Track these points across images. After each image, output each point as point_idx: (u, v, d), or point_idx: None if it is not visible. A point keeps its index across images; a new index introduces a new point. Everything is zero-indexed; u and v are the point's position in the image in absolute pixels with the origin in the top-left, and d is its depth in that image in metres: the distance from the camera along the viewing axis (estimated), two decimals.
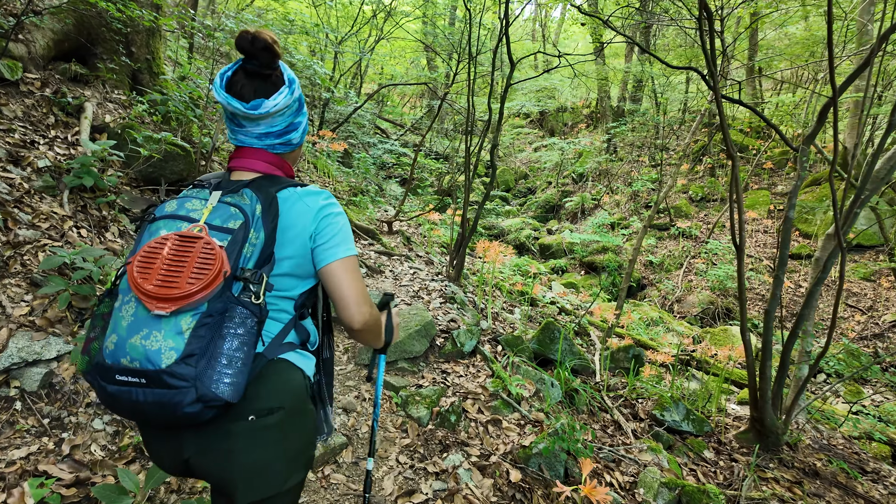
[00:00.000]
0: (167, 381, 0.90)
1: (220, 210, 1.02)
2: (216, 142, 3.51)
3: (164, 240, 0.96)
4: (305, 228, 1.09)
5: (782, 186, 11.58)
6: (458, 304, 3.91)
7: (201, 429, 1.01)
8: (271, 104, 1.09)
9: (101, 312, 1.00)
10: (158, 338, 0.91)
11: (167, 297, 0.91)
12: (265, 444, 1.03)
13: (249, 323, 0.97)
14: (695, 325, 8.28)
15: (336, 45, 9.84)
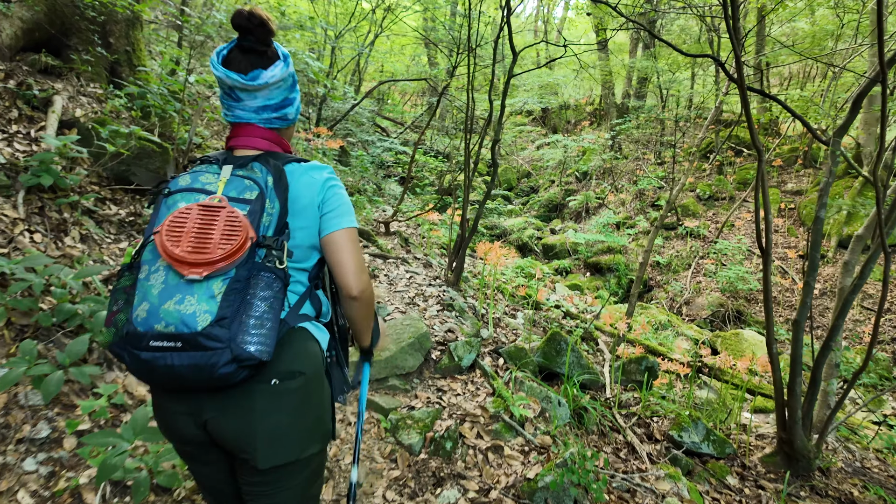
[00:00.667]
0: (203, 343, 0.94)
1: (234, 182, 1.05)
2: (192, 137, 3.24)
3: (189, 209, 0.99)
4: (313, 199, 1.13)
5: (792, 184, 11.27)
6: (456, 312, 3.64)
7: (225, 389, 1.03)
8: (268, 75, 1.11)
9: (123, 286, 1.01)
10: (192, 302, 0.95)
11: (200, 262, 0.95)
12: (285, 407, 1.07)
13: (276, 287, 1.01)
14: (705, 328, 7.99)
15: (333, 40, 9.56)
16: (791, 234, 9.79)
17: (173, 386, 1.03)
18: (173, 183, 1.07)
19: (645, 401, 3.09)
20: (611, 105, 15.23)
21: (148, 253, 1.01)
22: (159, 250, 0.97)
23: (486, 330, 3.71)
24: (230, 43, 1.14)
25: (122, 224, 2.81)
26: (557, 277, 9.94)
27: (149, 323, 0.95)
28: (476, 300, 5.16)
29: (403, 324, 2.85)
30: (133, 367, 0.99)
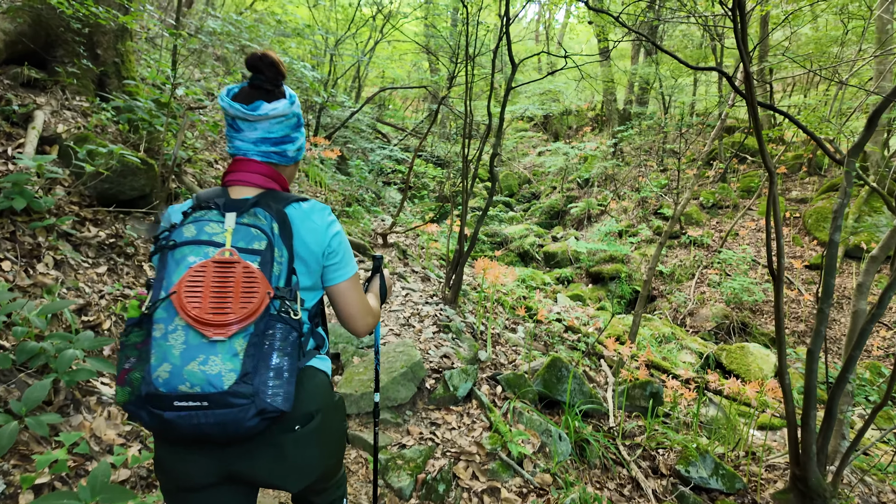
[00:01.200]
0: (231, 402, 0.95)
1: (241, 232, 1.04)
2: (177, 153, 3.12)
3: (204, 267, 0.98)
4: (318, 246, 1.14)
5: (797, 192, 11.11)
6: (453, 334, 3.50)
7: (250, 443, 1.06)
8: (269, 107, 1.13)
9: (133, 342, 0.99)
10: (217, 361, 0.95)
11: (224, 324, 0.95)
12: (311, 445, 1.12)
13: (292, 337, 1.02)
14: (709, 340, 7.83)
15: (332, 47, 9.46)
16: (796, 243, 9.64)
17: (197, 442, 1.03)
18: (177, 234, 1.03)
19: (650, 430, 2.95)
20: (613, 111, 15.11)
21: (161, 311, 0.97)
22: (179, 312, 0.95)
23: (485, 352, 3.57)
24: (242, 83, 1.18)
25: (101, 247, 2.69)
26: (559, 287, 9.80)
27: (172, 384, 0.95)
28: (475, 315, 5.02)
29: (396, 351, 2.71)
30: (153, 425, 0.98)
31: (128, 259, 2.77)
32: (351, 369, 2.62)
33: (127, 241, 2.82)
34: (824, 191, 10.32)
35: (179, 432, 0.97)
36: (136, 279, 2.68)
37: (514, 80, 3.92)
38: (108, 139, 3.50)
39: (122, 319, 2.31)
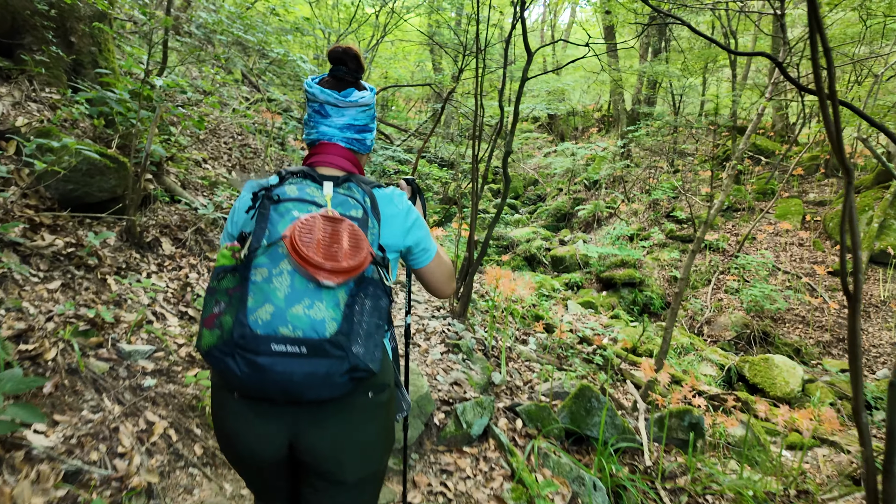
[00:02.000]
0: (328, 351, 0.93)
1: (338, 199, 1.07)
2: (148, 149, 2.74)
3: (313, 218, 0.99)
4: (400, 228, 1.18)
5: (814, 194, 10.70)
6: (463, 354, 3.11)
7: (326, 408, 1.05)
8: (359, 95, 1.21)
9: (225, 287, 0.98)
10: (322, 308, 0.94)
11: (337, 270, 0.94)
12: (376, 419, 1.11)
13: (384, 302, 1.03)
14: (729, 351, 7.41)
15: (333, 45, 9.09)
16: (818, 247, 9.21)
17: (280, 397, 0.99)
18: (279, 190, 1.06)
19: (694, 470, 2.55)
20: (621, 111, 14.70)
21: (264, 256, 0.98)
22: (292, 254, 0.95)
23: (499, 373, 3.18)
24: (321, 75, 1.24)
25: (56, 258, 2.31)
26: (569, 293, 9.39)
27: (273, 326, 0.93)
28: (485, 329, 4.62)
29: None
30: (241, 373, 0.94)
31: (88, 271, 2.39)
32: None
33: (89, 251, 2.43)
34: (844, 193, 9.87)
35: (265, 382, 0.95)
36: (97, 295, 2.30)
37: (524, 73, 3.53)
38: (77, 134, 3.12)
39: (69, 346, 1.93)
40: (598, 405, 2.59)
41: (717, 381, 6.40)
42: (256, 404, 1.04)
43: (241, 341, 0.92)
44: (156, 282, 2.72)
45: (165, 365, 2.18)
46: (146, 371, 2.09)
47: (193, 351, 2.37)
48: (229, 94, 7.59)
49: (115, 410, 1.83)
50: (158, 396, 2.02)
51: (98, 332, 2.08)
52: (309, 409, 1.04)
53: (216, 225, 3.48)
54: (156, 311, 2.46)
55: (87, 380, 1.87)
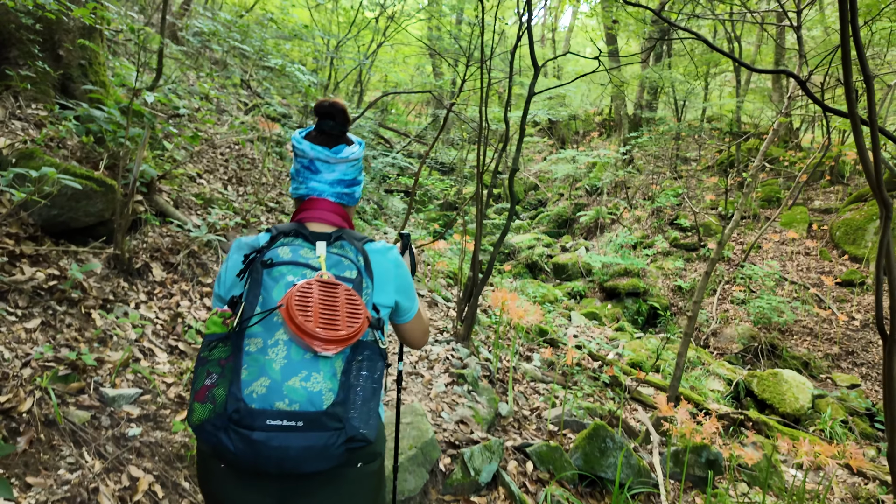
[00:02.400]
0: (326, 423, 0.91)
1: (332, 259, 1.04)
2: (136, 173, 2.59)
3: (310, 285, 0.96)
4: (391, 283, 1.15)
5: (820, 201, 10.56)
6: (469, 385, 2.96)
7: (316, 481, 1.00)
8: (349, 150, 1.20)
9: (217, 358, 0.95)
10: (319, 379, 0.93)
11: (335, 339, 0.91)
12: (366, 489, 1.06)
13: (379, 366, 1.01)
14: (737, 364, 7.26)
15: (332, 51, 8.96)
16: (824, 257, 9.07)
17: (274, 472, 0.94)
18: (272, 253, 1.03)
19: None
20: (623, 117, 14.57)
21: (258, 326, 0.95)
22: (289, 324, 0.92)
23: (506, 404, 3.03)
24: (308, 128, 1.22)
25: (36, 293, 2.16)
26: (571, 303, 9.25)
27: (269, 400, 0.91)
28: (489, 349, 4.47)
29: (402, 423, 2.17)
30: (235, 448, 0.91)
31: (72, 306, 2.24)
32: None
33: (72, 283, 2.29)
34: (852, 201, 9.75)
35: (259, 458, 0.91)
36: (80, 333, 2.15)
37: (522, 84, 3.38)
38: (64, 154, 2.97)
39: (47, 394, 1.78)
40: (613, 445, 2.45)
41: (724, 396, 6.26)
42: (247, 477, 0.99)
43: (236, 416, 0.90)
44: (145, 313, 2.58)
45: (152, 409, 2.04)
46: (131, 417, 1.95)
47: (184, 391, 2.23)
48: (227, 100, 7.45)
49: (96, 467, 1.68)
50: (144, 446, 1.87)
51: (79, 375, 1.94)
52: (298, 480, 0.99)
53: (210, 246, 3.33)
54: (143, 347, 2.31)
55: (66, 432, 1.73)
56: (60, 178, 2.00)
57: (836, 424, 5.70)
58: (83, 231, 2.77)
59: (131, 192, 2.58)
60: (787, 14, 3.16)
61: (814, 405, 6.09)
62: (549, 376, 4.89)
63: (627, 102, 15.11)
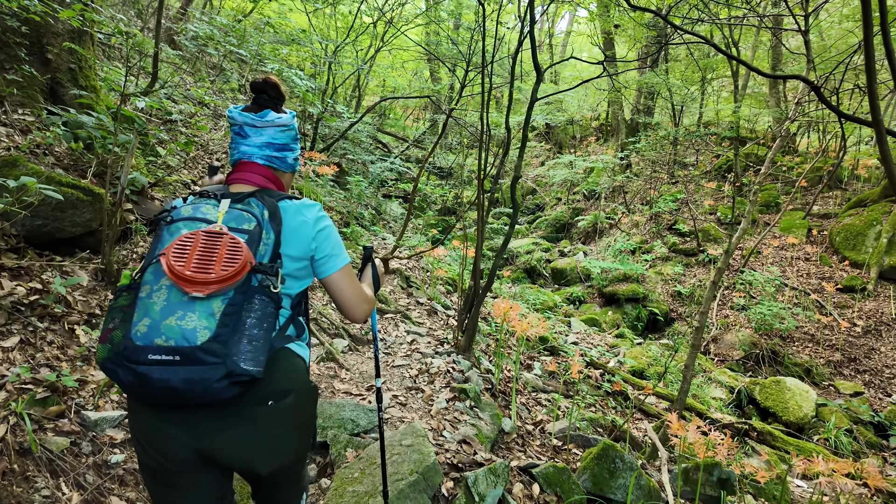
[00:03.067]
0: (201, 358, 1.00)
1: (232, 214, 1.15)
2: (124, 182, 2.48)
3: (194, 234, 1.08)
4: (306, 237, 1.24)
5: (818, 206, 10.52)
6: (471, 400, 2.85)
7: (223, 412, 1.09)
8: (275, 115, 1.30)
9: (120, 305, 1.07)
10: (193, 318, 1.01)
11: (205, 282, 1.02)
12: (282, 424, 1.15)
13: (269, 309, 1.09)
14: (738, 371, 7.17)
15: (331, 55, 8.87)
16: (824, 262, 9.01)
17: (168, 403, 1.06)
18: (175, 213, 1.14)
19: None
20: (620, 122, 14.53)
21: (149, 274, 1.07)
22: (165, 270, 1.03)
23: (509, 420, 2.93)
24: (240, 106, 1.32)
25: (15, 309, 2.04)
26: (571, 309, 9.15)
27: (149, 337, 1.00)
28: (490, 359, 4.37)
29: (402, 444, 2.06)
30: (127, 381, 1.02)
31: (54, 321, 2.12)
32: (343, 471, 1.97)
33: (55, 298, 2.17)
34: (851, 206, 9.70)
35: (151, 390, 1.01)
36: (63, 351, 2.04)
37: (516, 88, 3.29)
38: (50, 162, 2.86)
39: (22, 419, 1.67)
40: (623, 466, 2.35)
41: (727, 404, 6.17)
42: (162, 411, 1.10)
43: (125, 353, 1.01)
44: None
45: None
46: (114, 442, 1.83)
47: None
48: (224, 105, 7.34)
49: (74, 499, 1.57)
50: (127, 474, 1.76)
51: (59, 398, 1.82)
52: (212, 416, 1.10)
53: None
54: None
55: (42, 461, 1.61)
56: (41, 188, 1.90)
57: (841, 434, 5.60)
58: (69, 242, 2.66)
59: (119, 201, 2.47)
60: (795, 18, 3.08)
61: (817, 413, 6.00)
62: (551, 385, 4.79)
63: (625, 107, 15.07)
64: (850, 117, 2.03)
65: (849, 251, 8.88)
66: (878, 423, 5.92)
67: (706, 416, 5.14)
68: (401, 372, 3.09)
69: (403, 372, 3.09)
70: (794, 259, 9.29)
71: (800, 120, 11.33)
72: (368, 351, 3.42)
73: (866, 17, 1.73)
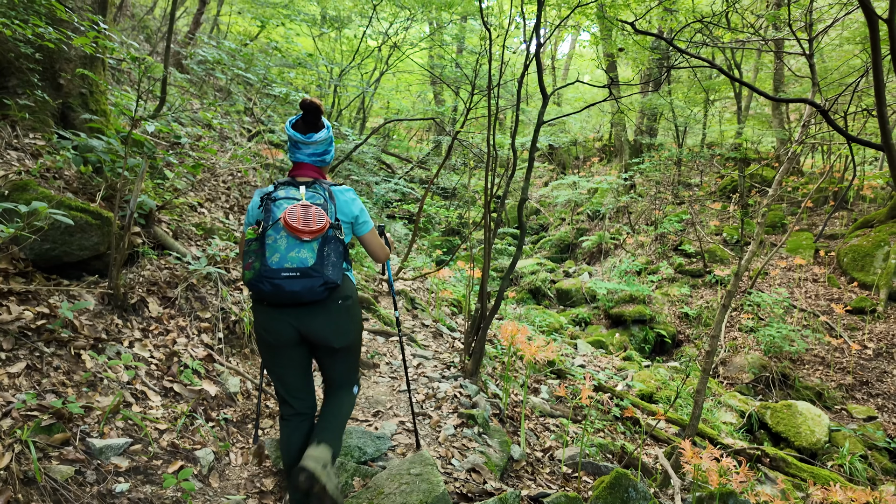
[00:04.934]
0: (311, 273, 1.75)
1: (308, 195, 1.88)
2: (133, 206, 2.49)
3: (296, 207, 1.79)
4: (350, 209, 1.99)
5: (825, 227, 10.47)
6: (479, 426, 2.80)
7: (314, 308, 1.85)
8: (317, 136, 1.98)
9: (253, 249, 1.78)
10: (304, 252, 1.76)
11: (309, 231, 1.76)
12: (346, 315, 1.92)
13: (340, 248, 1.85)
14: (748, 395, 7.05)
15: (336, 78, 9.00)
16: (832, 284, 8.93)
17: (287, 302, 1.80)
18: (275, 194, 1.87)
19: None
20: (624, 142, 14.60)
21: (271, 230, 1.79)
22: (284, 226, 1.77)
23: (518, 447, 2.87)
24: (296, 116, 2.03)
25: (22, 334, 2.03)
26: (577, 330, 9.07)
27: (280, 263, 1.74)
28: (497, 383, 4.31)
29: (411, 473, 2.01)
30: (267, 290, 1.75)
31: (60, 346, 2.11)
32: (351, 501, 1.92)
33: (62, 322, 2.16)
34: (858, 227, 9.65)
35: (281, 294, 1.75)
36: (69, 376, 2.01)
37: (523, 111, 3.31)
38: (60, 186, 2.88)
39: (27, 448, 1.63)
40: (636, 496, 2.29)
41: (738, 429, 6.05)
42: (276, 308, 1.84)
43: (265, 273, 1.73)
44: (139, 351, 2.44)
45: (143, 461, 1.89)
46: (119, 471, 1.80)
47: (177, 438, 2.08)
48: (230, 128, 7.42)
49: None
50: (131, 503, 1.72)
51: (65, 425, 1.80)
52: (306, 310, 1.84)
53: (209, 279, 3.21)
54: (136, 391, 2.17)
55: (46, 491, 1.58)
56: (52, 212, 1.90)
57: (856, 460, 5.47)
58: (77, 265, 2.66)
59: (128, 225, 2.47)
60: (800, 42, 3.10)
61: (830, 439, 5.87)
62: (559, 410, 4.71)
63: (628, 128, 15.17)
64: (859, 141, 2.02)
65: (857, 272, 8.81)
66: (894, 448, 5.78)
67: (717, 442, 5.03)
68: (407, 397, 3.04)
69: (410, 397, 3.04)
70: (802, 280, 9.21)
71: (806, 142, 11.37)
72: (375, 375, 3.38)
73: (874, 42, 1.74)
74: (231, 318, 3.08)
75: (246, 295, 3.36)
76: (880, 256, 8.59)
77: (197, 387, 2.40)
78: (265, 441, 2.27)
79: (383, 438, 2.40)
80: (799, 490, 4.52)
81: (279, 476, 2.13)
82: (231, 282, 3.36)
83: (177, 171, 3.49)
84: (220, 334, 2.92)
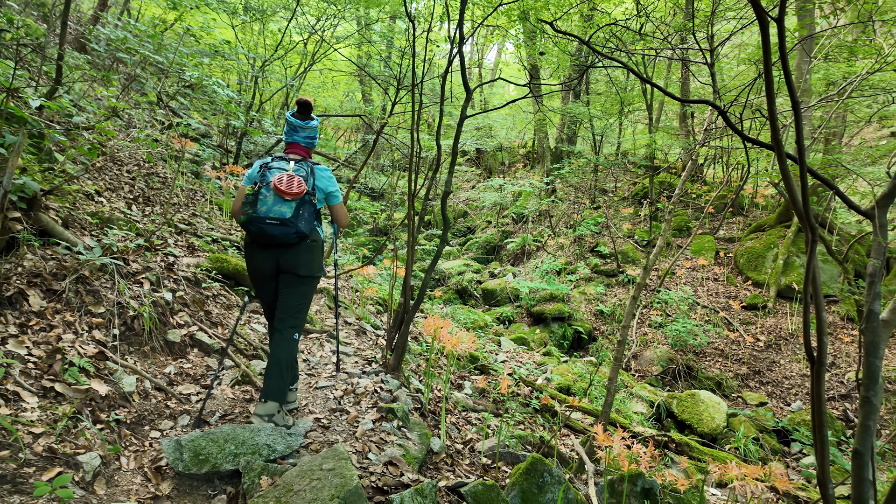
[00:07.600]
0: (287, 223, 2.47)
1: (296, 168, 2.61)
2: (8, 186, 2.21)
3: (283, 174, 2.51)
4: (326, 185, 2.72)
5: (723, 231, 11.41)
6: (398, 420, 2.75)
7: (290, 248, 2.57)
8: (312, 123, 2.76)
9: (249, 200, 2.50)
10: (284, 208, 2.47)
11: (290, 193, 2.47)
12: (310, 252, 2.63)
13: (312, 210, 2.58)
14: (657, 386, 7.51)
15: (257, 70, 8.61)
16: (731, 282, 9.72)
17: (269, 243, 2.54)
18: (271, 164, 2.61)
19: None
20: (546, 149, 15.18)
21: (264, 189, 2.50)
22: (274, 188, 2.48)
23: (438, 439, 2.85)
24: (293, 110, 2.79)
25: None
26: (501, 328, 9.25)
27: (267, 213, 2.46)
28: (419, 378, 4.27)
29: (323, 468, 1.92)
30: (256, 230, 2.50)
31: None
32: (257, 500, 1.79)
33: None
34: (752, 231, 10.59)
35: (265, 236, 2.49)
36: None
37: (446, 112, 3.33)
38: None
39: None
40: (552, 480, 2.33)
41: (648, 418, 6.40)
42: (262, 248, 2.59)
43: (256, 217, 2.47)
44: (14, 348, 2.17)
45: (11, 468, 1.66)
46: None
47: (55, 443, 1.85)
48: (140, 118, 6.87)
49: None
50: None
51: None
52: (283, 249, 2.57)
53: (105, 271, 2.93)
54: (6, 392, 1.92)
55: None
56: None
57: (749, 442, 5.95)
58: None
59: (3, 208, 2.19)
60: (703, 52, 3.33)
61: (728, 424, 6.35)
62: (481, 404, 4.76)
63: (549, 136, 15.78)
64: (752, 140, 2.19)
65: (751, 272, 9.64)
66: (781, 430, 6.37)
67: (629, 430, 5.29)
68: (324, 393, 2.93)
69: (327, 393, 2.93)
70: (705, 279, 9.95)
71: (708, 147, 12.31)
72: None
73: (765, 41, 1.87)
74: (129, 313, 2.82)
75: (147, 289, 3.10)
76: (770, 258, 9.47)
77: (84, 386, 2.17)
78: (163, 443, 2.09)
79: (295, 435, 2.28)
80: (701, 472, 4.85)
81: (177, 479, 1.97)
82: (130, 274, 3.09)
83: (68, 153, 3.16)
84: (115, 330, 2.67)
